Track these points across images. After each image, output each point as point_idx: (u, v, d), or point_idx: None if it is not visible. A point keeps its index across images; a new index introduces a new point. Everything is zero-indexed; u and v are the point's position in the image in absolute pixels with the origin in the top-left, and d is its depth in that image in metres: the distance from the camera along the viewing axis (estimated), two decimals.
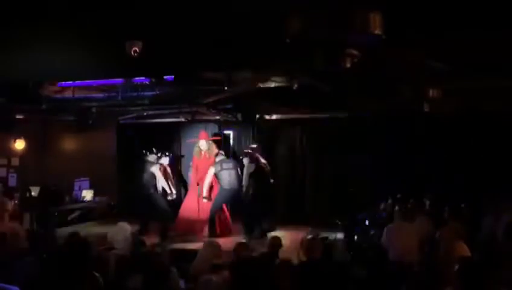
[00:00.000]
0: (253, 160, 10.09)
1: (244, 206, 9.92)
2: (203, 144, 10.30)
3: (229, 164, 9.84)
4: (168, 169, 10.50)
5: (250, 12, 4.82)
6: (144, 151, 10.26)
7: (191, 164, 10.81)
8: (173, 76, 7.97)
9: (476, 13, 4.28)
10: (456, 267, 3.37)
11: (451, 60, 5.73)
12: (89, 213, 12.30)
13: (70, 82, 8.94)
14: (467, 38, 4.79)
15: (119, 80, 8.85)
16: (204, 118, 11.43)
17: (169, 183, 10.17)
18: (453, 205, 7.66)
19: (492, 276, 3.40)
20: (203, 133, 10.65)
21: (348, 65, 4.74)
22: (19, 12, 5.12)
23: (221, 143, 10.75)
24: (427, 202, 8.42)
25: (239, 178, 9.86)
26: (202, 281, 4.52)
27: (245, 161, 10.35)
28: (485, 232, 6.89)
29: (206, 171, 9.94)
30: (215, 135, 11.39)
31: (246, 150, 10.56)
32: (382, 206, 9.34)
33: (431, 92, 7.30)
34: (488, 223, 6.99)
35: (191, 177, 10.65)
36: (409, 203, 7.61)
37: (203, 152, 10.32)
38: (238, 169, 9.91)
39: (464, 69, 6.15)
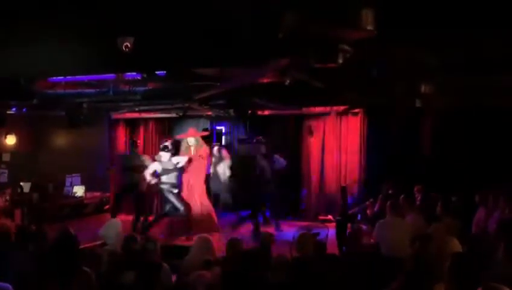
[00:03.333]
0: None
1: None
2: (191, 140, 10.26)
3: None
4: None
5: (243, 7, 4.80)
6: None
7: None
8: (165, 71, 7.94)
9: (470, 9, 4.29)
10: (448, 263, 3.38)
11: (444, 56, 5.74)
12: (80, 209, 12.28)
13: (62, 78, 8.88)
14: (461, 34, 4.79)
15: (110, 76, 8.80)
16: (196, 113, 11.41)
17: None
18: (445, 200, 7.70)
19: (484, 272, 3.42)
20: (191, 130, 10.61)
21: (341, 61, 4.74)
22: (9, 9, 5.08)
23: (212, 138, 10.74)
24: (418, 198, 8.45)
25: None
26: (194, 277, 4.52)
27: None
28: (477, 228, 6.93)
29: (197, 168, 9.99)
30: (204, 130, 11.30)
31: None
32: (374, 201, 9.38)
33: (423, 88, 7.32)
34: (480, 219, 7.03)
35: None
36: (400, 199, 7.63)
37: (192, 148, 10.27)
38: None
39: (456, 65, 6.16)
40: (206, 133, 10.89)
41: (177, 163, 9.78)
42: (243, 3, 4.75)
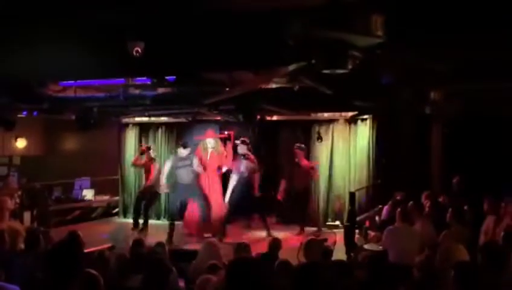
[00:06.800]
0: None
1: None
2: (210, 141, 10.29)
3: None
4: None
5: (252, 13, 4.82)
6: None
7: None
8: (175, 76, 7.97)
9: (478, 14, 4.28)
10: (453, 271, 3.37)
11: (453, 62, 5.73)
12: (89, 212, 12.33)
13: (72, 82, 8.94)
14: (469, 40, 4.78)
15: (121, 80, 8.85)
16: (205, 118, 11.44)
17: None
18: (455, 208, 7.63)
19: (490, 280, 3.40)
20: (210, 131, 10.64)
21: (350, 67, 4.75)
22: (21, 12, 5.13)
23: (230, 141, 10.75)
24: (427, 204, 8.38)
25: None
26: (200, 281, 4.53)
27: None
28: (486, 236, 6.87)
29: (213, 169, 10.05)
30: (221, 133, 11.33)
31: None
32: (383, 208, 9.33)
33: (432, 95, 7.30)
34: (489, 227, 6.97)
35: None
36: (409, 205, 7.59)
37: (209, 150, 10.30)
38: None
39: (465, 72, 6.14)
40: (224, 135, 10.91)
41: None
42: (252, 8, 4.77)
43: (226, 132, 11.49)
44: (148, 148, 11.10)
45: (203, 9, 4.95)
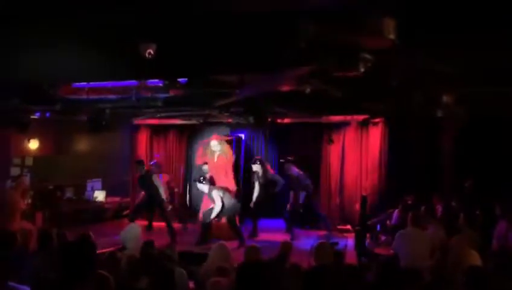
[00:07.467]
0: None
1: None
2: (214, 144, 10.28)
3: None
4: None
5: (263, 15, 4.82)
6: None
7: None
8: (186, 78, 7.99)
9: (491, 16, 4.25)
10: (464, 276, 3.34)
11: (464, 65, 5.69)
12: (100, 213, 12.39)
13: (85, 83, 8.99)
14: (480, 43, 4.75)
15: (133, 82, 8.88)
16: (216, 120, 11.46)
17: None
18: (467, 212, 7.58)
19: (501, 286, 3.36)
20: (215, 135, 10.66)
21: (362, 70, 4.73)
22: (34, 13, 5.16)
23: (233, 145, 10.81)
24: (439, 209, 8.34)
25: None
26: (210, 284, 4.53)
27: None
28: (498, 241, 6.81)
29: (223, 173, 10.03)
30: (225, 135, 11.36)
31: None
32: (393, 212, 9.29)
33: (444, 98, 7.26)
34: (501, 232, 6.91)
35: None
36: (421, 210, 7.55)
37: (216, 153, 10.31)
38: None
39: (476, 75, 6.10)
40: (229, 138, 10.93)
41: None
42: (265, 11, 4.77)
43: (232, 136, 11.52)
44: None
45: (214, 11, 4.96)
